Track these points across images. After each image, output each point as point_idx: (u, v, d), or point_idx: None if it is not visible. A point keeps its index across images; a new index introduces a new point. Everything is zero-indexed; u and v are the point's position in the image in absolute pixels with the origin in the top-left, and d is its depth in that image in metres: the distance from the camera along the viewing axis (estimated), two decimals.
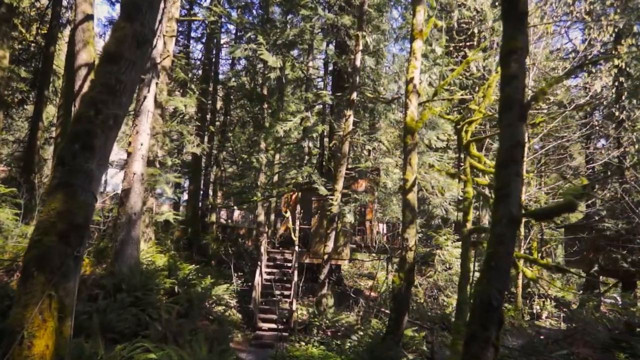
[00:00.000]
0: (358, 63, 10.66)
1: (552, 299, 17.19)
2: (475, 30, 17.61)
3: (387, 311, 10.44)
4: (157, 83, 9.99)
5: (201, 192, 19.96)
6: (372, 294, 16.01)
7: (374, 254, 12.35)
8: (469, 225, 7.75)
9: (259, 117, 18.85)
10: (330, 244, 10.30)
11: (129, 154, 9.71)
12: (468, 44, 17.99)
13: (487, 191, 10.93)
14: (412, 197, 8.55)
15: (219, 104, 21.21)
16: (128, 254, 9.54)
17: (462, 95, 10.00)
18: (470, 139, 8.24)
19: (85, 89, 10.59)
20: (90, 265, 9.44)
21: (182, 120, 17.08)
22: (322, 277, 10.25)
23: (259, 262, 10.85)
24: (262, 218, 16.73)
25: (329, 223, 10.37)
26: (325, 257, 10.25)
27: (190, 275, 11.07)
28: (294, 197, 13.05)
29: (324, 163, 13.37)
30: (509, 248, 5.13)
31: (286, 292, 10.98)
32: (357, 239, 13.36)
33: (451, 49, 17.53)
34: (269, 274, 11.57)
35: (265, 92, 17.07)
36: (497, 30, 15.35)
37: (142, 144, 9.69)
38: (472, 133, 8.35)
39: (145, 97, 9.71)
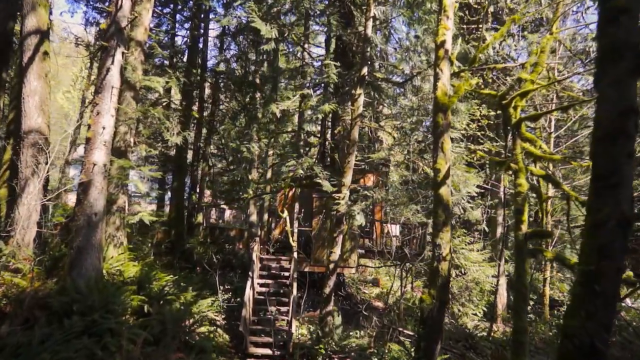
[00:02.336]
0: (369, 32, 8.90)
1: None
2: (491, 9, 16.00)
3: (407, 332, 8.70)
4: (123, 53, 8.14)
5: (188, 190, 18.15)
6: (380, 304, 14.27)
7: (388, 261, 10.59)
8: (525, 228, 5.99)
9: (250, 107, 17.15)
10: (337, 251, 8.54)
11: (88, 140, 7.88)
12: (481, 26, 16.35)
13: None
14: (446, 192, 6.80)
15: (207, 92, 19.34)
16: (87, 264, 7.72)
17: (503, 64, 8.30)
18: (521, 116, 6.49)
19: (36, 61, 8.75)
20: (37, 280, 7.58)
21: (167, 107, 15.31)
22: (327, 290, 8.48)
23: (250, 273, 9.03)
24: (254, 218, 14.93)
25: (335, 225, 8.60)
26: (331, 266, 8.48)
27: (167, 288, 9.25)
28: (291, 194, 11.26)
29: (326, 154, 11.63)
30: (618, 263, 3.40)
31: (283, 308, 9.18)
32: (366, 242, 11.59)
33: (464, 31, 15.89)
34: (262, 285, 9.76)
35: (257, 81, 15.57)
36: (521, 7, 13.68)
37: (104, 128, 7.86)
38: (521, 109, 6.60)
39: (108, 70, 7.87)
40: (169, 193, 19.72)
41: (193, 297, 10.07)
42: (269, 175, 11.18)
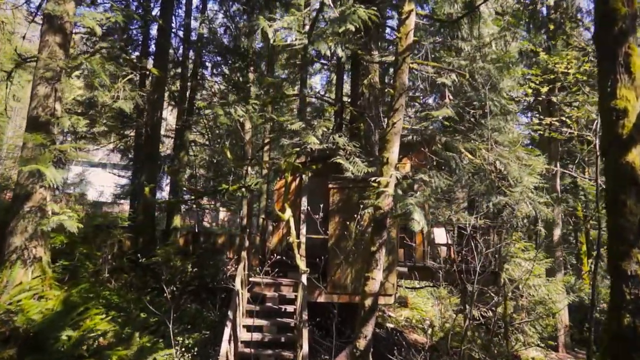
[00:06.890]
0: None
1: None
2: None
3: None
4: None
5: (171, 187, 14.84)
6: (417, 336, 10.69)
7: (439, 281, 7.02)
8: None
9: (241, 85, 13.92)
10: (378, 276, 4.94)
11: None
12: None
13: None
14: (638, 159, 3.17)
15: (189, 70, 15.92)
16: None
17: None
18: None
19: None
20: None
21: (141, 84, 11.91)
22: (361, 343, 4.90)
23: (229, 313, 5.40)
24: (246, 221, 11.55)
25: (374, 232, 5.00)
26: (368, 302, 4.88)
27: (94, 336, 5.65)
28: (295, 184, 7.68)
29: (343, 123, 8.12)
30: None
31: None
32: (402, 255, 8.00)
33: None
34: (250, 329, 6.10)
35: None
36: None
37: None
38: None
39: None
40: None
41: (146, 344, 6.49)
42: (265, 154, 7.58)
